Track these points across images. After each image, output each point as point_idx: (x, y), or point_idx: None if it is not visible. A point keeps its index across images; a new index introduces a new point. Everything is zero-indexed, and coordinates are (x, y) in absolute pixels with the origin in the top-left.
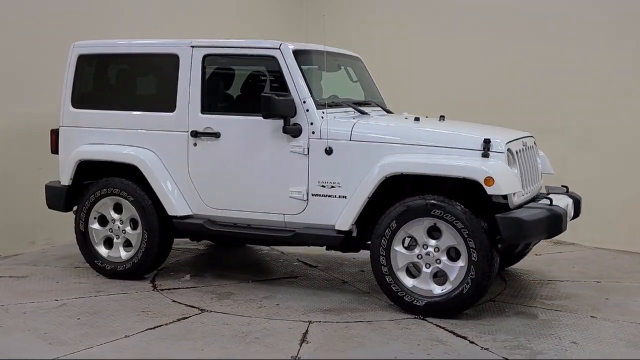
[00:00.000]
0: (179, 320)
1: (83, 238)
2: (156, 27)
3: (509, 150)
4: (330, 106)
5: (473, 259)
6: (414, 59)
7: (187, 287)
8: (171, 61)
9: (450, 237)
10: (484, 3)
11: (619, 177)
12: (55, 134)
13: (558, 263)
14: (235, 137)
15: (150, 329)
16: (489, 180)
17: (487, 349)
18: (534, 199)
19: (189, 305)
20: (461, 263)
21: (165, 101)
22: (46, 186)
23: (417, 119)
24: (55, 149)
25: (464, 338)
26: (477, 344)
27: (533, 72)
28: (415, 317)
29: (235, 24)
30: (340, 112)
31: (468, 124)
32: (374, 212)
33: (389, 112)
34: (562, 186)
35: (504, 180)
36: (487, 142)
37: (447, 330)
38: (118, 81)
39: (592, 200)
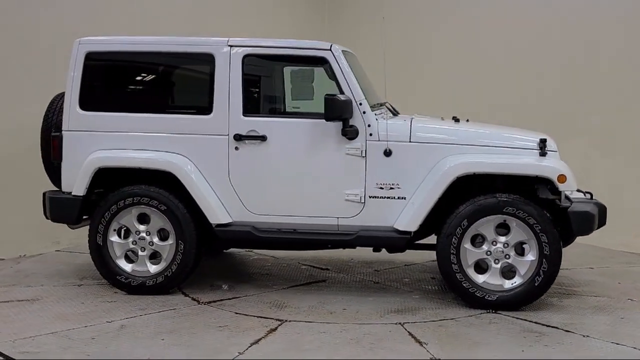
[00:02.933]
0: (270, 332)
1: (100, 253)
2: (157, 25)
3: None
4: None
5: (545, 252)
6: (431, 60)
7: (230, 298)
8: (205, 61)
9: (520, 233)
10: (506, 3)
11: None
12: (57, 139)
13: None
14: (284, 141)
15: (254, 344)
16: (562, 177)
17: (587, 336)
18: None
19: (262, 317)
20: (531, 257)
21: (199, 103)
22: (48, 197)
23: (456, 120)
24: (57, 156)
25: (556, 328)
26: (573, 332)
27: (555, 74)
28: (488, 312)
29: (244, 22)
30: (381, 113)
31: (490, 125)
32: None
33: (397, 113)
34: (586, 192)
35: (571, 177)
36: (543, 141)
37: (533, 322)
38: (140, 81)
39: (618, 204)
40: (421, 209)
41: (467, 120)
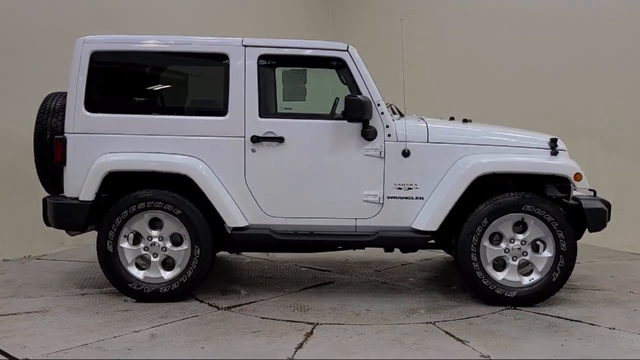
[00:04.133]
0: (308, 336)
1: (110, 260)
2: (156, 25)
3: None
4: None
5: (562, 248)
6: (432, 60)
7: (248, 303)
8: (219, 61)
9: (537, 230)
10: (509, 4)
11: None
12: (61, 142)
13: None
14: (302, 142)
15: (298, 348)
16: (578, 175)
17: (613, 329)
18: None
19: (291, 321)
20: (548, 254)
21: (214, 104)
22: (51, 203)
23: (465, 120)
24: (61, 159)
25: (580, 321)
26: (599, 325)
27: (559, 74)
28: (507, 308)
29: (250, 21)
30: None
31: (498, 126)
32: None
33: (402, 114)
34: (589, 189)
35: (585, 175)
36: (554, 141)
37: (554, 316)
38: (151, 82)
39: (622, 204)
40: (442, 209)
41: (470, 121)
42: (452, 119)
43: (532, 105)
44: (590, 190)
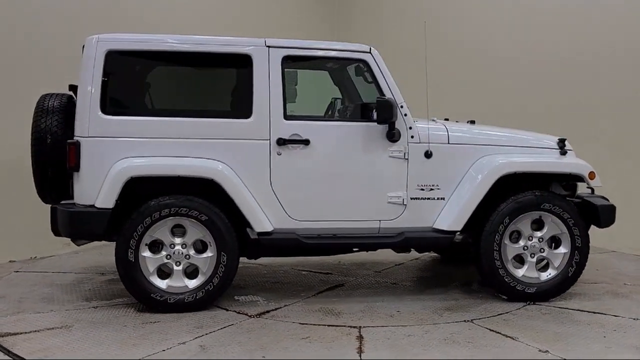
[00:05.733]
0: (360, 339)
1: (131, 270)
2: (158, 23)
3: None
4: None
5: (577, 244)
6: (433, 61)
7: (274, 309)
8: (242, 62)
9: (554, 228)
10: (513, 6)
11: None
12: (75, 146)
13: None
14: (328, 144)
15: (361, 352)
16: (592, 174)
17: (637, 319)
18: None
19: (332, 325)
20: (564, 250)
21: (237, 106)
22: (64, 211)
23: (471, 122)
24: (75, 165)
25: (603, 314)
26: (622, 316)
27: (565, 76)
28: (528, 303)
29: (250, 22)
30: None
31: (503, 128)
32: None
33: None
34: (587, 187)
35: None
36: (562, 141)
37: (576, 310)
38: (170, 83)
39: (628, 206)
40: (466, 209)
41: (474, 122)
42: (470, 121)
43: (538, 107)
44: (588, 187)
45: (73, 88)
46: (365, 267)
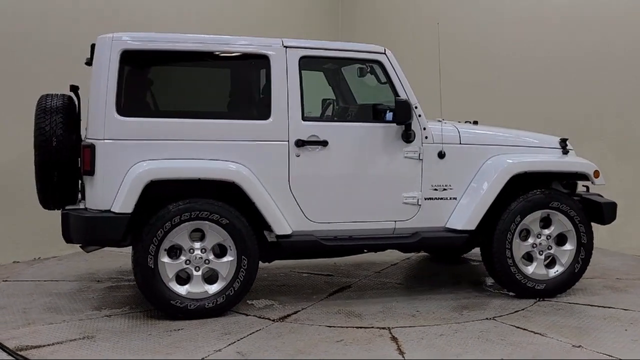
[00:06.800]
0: (394, 340)
1: (150, 276)
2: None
3: None
4: None
5: (583, 241)
6: (434, 61)
7: (294, 313)
8: (259, 62)
9: (561, 225)
10: (513, 6)
11: None
12: (90, 149)
13: None
14: (346, 145)
15: (402, 353)
16: (597, 173)
17: None
18: None
19: (361, 327)
20: (570, 247)
21: (256, 107)
22: (78, 217)
23: (474, 122)
24: (90, 168)
25: (613, 307)
26: (633, 310)
27: (569, 76)
28: (539, 300)
29: (249, 22)
30: None
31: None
32: None
33: None
34: (583, 185)
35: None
36: (564, 141)
37: (586, 304)
38: (189, 84)
39: (631, 207)
40: (480, 208)
41: (477, 123)
42: (474, 122)
43: (540, 108)
44: (584, 186)
45: (74, 88)
46: (363, 267)
